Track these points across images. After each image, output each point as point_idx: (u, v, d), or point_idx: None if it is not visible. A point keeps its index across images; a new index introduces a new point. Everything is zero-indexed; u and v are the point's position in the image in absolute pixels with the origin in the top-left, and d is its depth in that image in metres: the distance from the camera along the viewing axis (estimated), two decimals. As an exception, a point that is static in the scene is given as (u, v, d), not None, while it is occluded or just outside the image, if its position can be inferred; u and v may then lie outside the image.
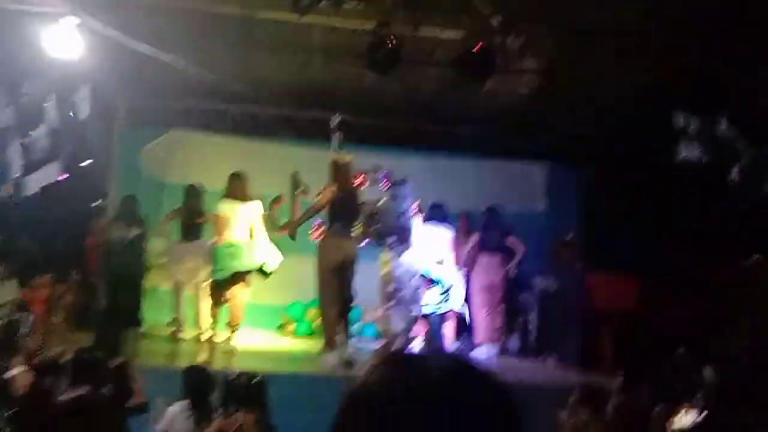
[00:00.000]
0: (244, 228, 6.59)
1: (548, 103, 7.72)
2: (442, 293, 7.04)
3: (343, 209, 6.13)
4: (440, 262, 7.11)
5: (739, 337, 4.92)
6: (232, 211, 6.59)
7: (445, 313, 7.25)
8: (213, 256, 6.66)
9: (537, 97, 7.68)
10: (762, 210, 5.97)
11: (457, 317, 7.30)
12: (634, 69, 6.55)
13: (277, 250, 6.74)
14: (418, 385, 0.76)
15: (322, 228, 7.05)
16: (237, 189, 6.67)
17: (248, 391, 4.03)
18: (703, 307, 6.11)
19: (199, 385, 4.09)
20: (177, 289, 7.25)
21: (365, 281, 6.70)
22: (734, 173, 5.82)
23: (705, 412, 3.12)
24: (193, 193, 7.31)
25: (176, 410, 4.04)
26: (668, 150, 6.39)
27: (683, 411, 3.04)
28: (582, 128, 7.99)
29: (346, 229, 6.14)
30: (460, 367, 0.81)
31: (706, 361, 3.75)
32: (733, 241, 6.69)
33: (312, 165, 7.97)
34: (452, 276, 7.05)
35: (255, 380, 4.12)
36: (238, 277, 6.52)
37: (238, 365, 5.65)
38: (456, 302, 7.10)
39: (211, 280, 6.71)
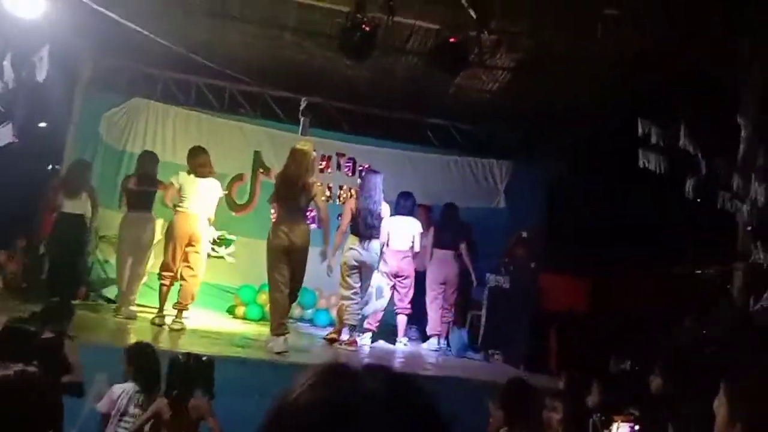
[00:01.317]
0: (200, 203, 6.48)
1: (516, 100, 7.77)
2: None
3: (294, 194, 6.02)
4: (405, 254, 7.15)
5: (685, 344, 5.05)
6: (191, 184, 6.46)
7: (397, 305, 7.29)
8: (169, 228, 6.52)
9: (505, 93, 7.71)
10: (715, 219, 6.13)
11: (409, 309, 7.33)
12: (604, 72, 6.63)
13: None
14: (347, 409, 0.75)
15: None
16: (198, 163, 6.54)
17: (194, 373, 3.97)
18: (652, 313, 6.24)
19: (145, 363, 4.00)
20: (123, 262, 6.95)
21: (322, 266, 6.67)
22: (690, 183, 5.95)
23: (641, 425, 3.19)
24: (147, 161, 7.10)
25: (121, 389, 3.95)
26: (629, 155, 6.49)
27: (619, 421, 3.10)
28: (547, 127, 8.08)
29: (297, 214, 6.07)
30: (393, 390, 0.79)
31: (651, 369, 3.83)
32: (686, 249, 6.87)
33: (276, 145, 7.89)
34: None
35: (202, 362, 4.06)
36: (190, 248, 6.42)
37: (186, 346, 5.58)
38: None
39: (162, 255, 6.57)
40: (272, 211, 6.38)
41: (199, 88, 8.42)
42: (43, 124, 8.15)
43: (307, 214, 6.63)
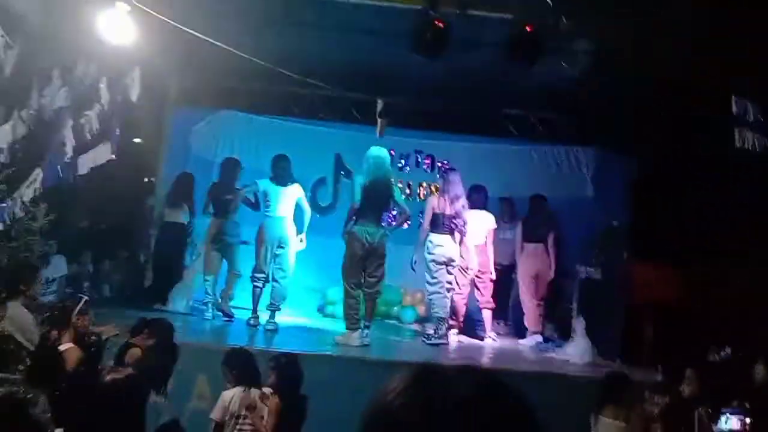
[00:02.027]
0: (286, 208, 6.71)
1: (598, 87, 7.51)
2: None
3: (374, 199, 6.24)
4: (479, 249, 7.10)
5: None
6: (275, 190, 6.72)
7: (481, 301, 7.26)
8: (259, 232, 6.78)
9: (586, 81, 7.47)
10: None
11: (492, 304, 7.27)
12: (690, 52, 6.31)
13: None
14: (443, 412, 0.75)
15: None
16: (280, 171, 6.76)
17: (283, 371, 4.11)
18: (753, 303, 5.90)
19: (246, 367, 4.18)
20: (210, 267, 7.25)
21: (408, 264, 6.73)
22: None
23: (753, 416, 3.03)
24: (229, 168, 7.38)
25: (230, 395, 4.13)
26: (722, 138, 6.15)
27: (729, 413, 2.96)
28: (632, 113, 7.77)
29: (375, 217, 6.26)
30: (489, 390, 0.79)
31: (754, 359, 3.63)
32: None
33: (355, 147, 7.98)
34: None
35: (289, 361, 4.20)
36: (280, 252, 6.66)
37: (278, 345, 5.77)
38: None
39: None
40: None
41: (280, 96, 8.66)
42: (137, 140, 8.62)
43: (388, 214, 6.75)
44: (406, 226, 7.11)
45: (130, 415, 2.69)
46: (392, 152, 8.81)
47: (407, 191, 8.40)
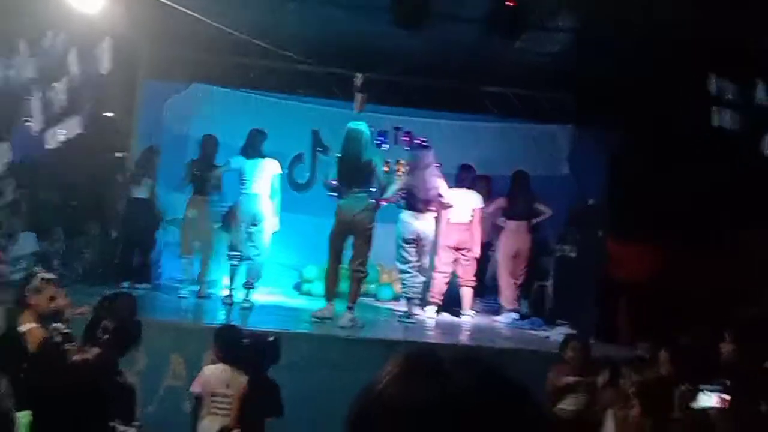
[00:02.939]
0: (261, 184, 6.61)
1: (578, 63, 7.49)
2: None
3: (353, 173, 6.17)
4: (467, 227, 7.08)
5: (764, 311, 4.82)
6: (250, 166, 6.61)
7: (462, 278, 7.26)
8: (234, 210, 6.68)
9: (566, 57, 7.44)
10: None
11: (473, 282, 7.27)
12: (669, 29, 6.29)
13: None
14: (441, 400, 0.72)
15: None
16: (256, 146, 6.66)
17: (263, 350, 4.06)
18: (729, 280, 5.98)
19: (233, 345, 4.12)
20: (188, 244, 7.17)
21: (385, 242, 6.70)
22: (766, 141, 5.59)
23: (731, 395, 3.06)
24: (208, 144, 7.25)
25: (210, 371, 4.09)
26: (700, 115, 6.17)
27: (708, 391, 2.99)
28: (611, 90, 7.76)
29: (356, 191, 6.20)
30: (486, 379, 0.76)
31: (729, 337, 3.67)
32: (761, 212, 6.52)
33: (333, 123, 7.89)
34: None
35: (270, 340, 4.15)
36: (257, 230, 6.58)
37: (254, 324, 5.72)
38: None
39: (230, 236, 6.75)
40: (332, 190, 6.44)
41: (256, 70, 8.50)
42: (109, 114, 8.40)
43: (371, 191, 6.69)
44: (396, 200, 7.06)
45: (101, 394, 2.63)
46: (371, 129, 8.74)
47: (385, 168, 8.32)
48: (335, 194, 6.37)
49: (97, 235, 7.50)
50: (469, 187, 7.18)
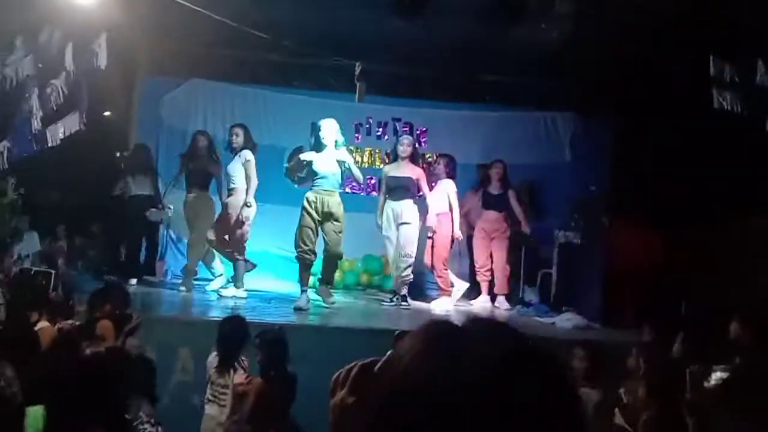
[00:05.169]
0: (240, 179, 6.62)
1: (578, 50, 7.45)
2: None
3: (323, 165, 6.34)
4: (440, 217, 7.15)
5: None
6: (234, 162, 6.65)
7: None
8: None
9: (566, 45, 7.40)
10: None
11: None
12: (670, 12, 6.26)
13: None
14: (472, 372, 0.68)
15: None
16: (238, 140, 6.69)
17: (270, 348, 4.01)
18: (733, 263, 5.98)
19: (222, 334, 4.09)
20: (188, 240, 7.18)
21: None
22: (769, 123, 5.57)
23: (742, 372, 3.06)
24: (199, 140, 7.24)
25: (209, 359, 4.09)
26: (700, 100, 6.15)
27: (718, 370, 2.99)
28: (611, 77, 7.73)
29: (328, 184, 6.37)
30: (519, 350, 0.72)
31: (734, 318, 3.67)
32: (764, 194, 6.51)
33: (332, 115, 7.83)
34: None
35: (276, 335, 4.11)
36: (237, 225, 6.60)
37: (258, 316, 5.73)
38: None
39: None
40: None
41: (254, 64, 8.44)
42: (107, 113, 8.37)
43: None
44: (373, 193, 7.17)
45: (114, 388, 2.61)
46: (370, 120, 8.73)
47: (386, 159, 8.29)
48: (304, 186, 6.49)
49: (101, 234, 7.48)
50: (448, 176, 7.21)
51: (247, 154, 6.64)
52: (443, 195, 7.19)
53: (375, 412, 0.70)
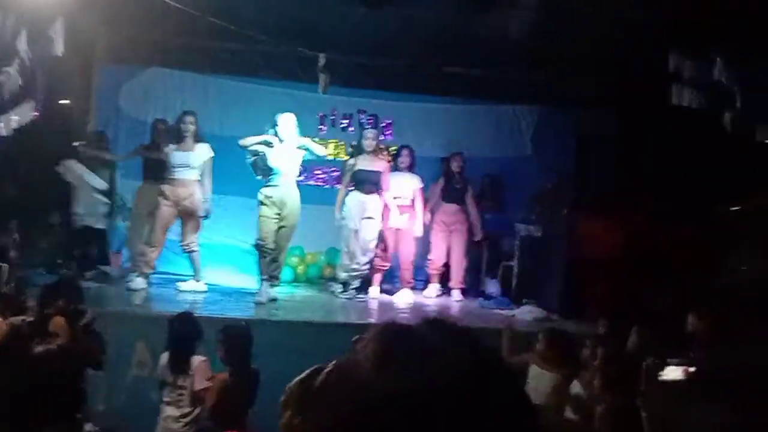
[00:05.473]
0: (192, 169, 6.53)
1: (542, 44, 7.50)
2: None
3: (281, 161, 6.39)
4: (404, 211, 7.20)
5: (729, 284, 4.94)
6: (179, 152, 6.53)
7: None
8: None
9: (531, 38, 7.44)
10: (754, 155, 5.92)
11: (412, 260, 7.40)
12: (632, 6, 6.35)
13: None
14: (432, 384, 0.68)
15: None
16: (191, 128, 6.57)
17: (233, 343, 3.95)
18: (693, 254, 6.12)
19: (173, 330, 4.00)
20: (138, 231, 7.06)
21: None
22: (728, 118, 5.70)
23: (697, 365, 3.13)
24: (157, 129, 7.10)
25: (162, 359, 4.01)
26: (662, 92, 6.26)
27: (675, 363, 3.05)
28: (573, 70, 7.82)
29: (289, 177, 6.44)
30: (467, 343, 0.74)
31: (694, 310, 3.75)
32: (722, 187, 6.67)
33: (298, 107, 7.78)
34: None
35: (241, 330, 4.06)
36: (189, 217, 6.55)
37: (217, 311, 5.67)
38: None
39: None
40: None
41: (216, 53, 8.30)
42: (64, 102, 8.13)
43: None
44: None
45: (68, 385, 2.55)
46: (335, 112, 8.67)
47: (349, 150, 8.26)
48: (265, 179, 6.49)
49: (56, 226, 7.29)
50: (408, 169, 7.25)
51: (209, 148, 6.54)
52: (408, 189, 7.22)
53: (345, 419, 0.69)
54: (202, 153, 6.57)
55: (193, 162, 6.53)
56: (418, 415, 0.65)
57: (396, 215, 7.18)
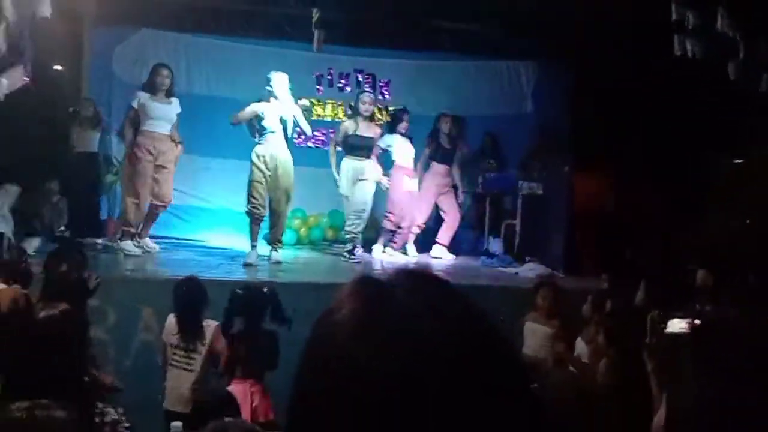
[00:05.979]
0: (166, 123, 6.41)
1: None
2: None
3: (273, 120, 6.23)
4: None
5: (731, 236, 4.92)
6: (151, 106, 6.37)
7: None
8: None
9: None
10: (758, 105, 5.84)
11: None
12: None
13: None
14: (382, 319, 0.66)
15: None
16: (161, 83, 6.41)
17: (257, 303, 3.90)
18: (696, 209, 6.09)
19: (179, 294, 3.99)
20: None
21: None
22: (732, 68, 5.61)
23: (701, 317, 3.12)
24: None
25: (168, 320, 4.00)
26: (661, 45, 6.15)
27: (679, 315, 3.04)
28: (572, 25, 7.67)
29: (279, 138, 6.25)
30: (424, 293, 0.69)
31: (698, 262, 3.74)
32: (728, 138, 6.61)
33: (290, 66, 7.65)
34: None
35: (265, 293, 4.00)
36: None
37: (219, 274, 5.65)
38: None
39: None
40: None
41: (207, 12, 8.11)
42: (56, 66, 7.97)
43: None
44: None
45: (70, 351, 2.54)
46: (331, 72, 8.52)
47: (349, 112, 8.15)
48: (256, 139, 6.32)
49: (54, 193, 7.24)
50: (404, 133, 7.18)
51: (178, 103, 6.45)
52: (408, 153, 7.15)
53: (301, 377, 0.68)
54: (176, 107, 6.45)
55: (170, 114, 6.40)
56: (401, 388, 0.62)
57: (408, 180, 7.11)
